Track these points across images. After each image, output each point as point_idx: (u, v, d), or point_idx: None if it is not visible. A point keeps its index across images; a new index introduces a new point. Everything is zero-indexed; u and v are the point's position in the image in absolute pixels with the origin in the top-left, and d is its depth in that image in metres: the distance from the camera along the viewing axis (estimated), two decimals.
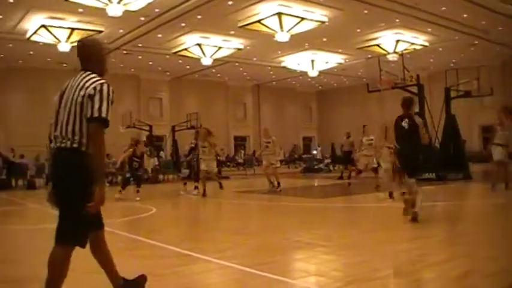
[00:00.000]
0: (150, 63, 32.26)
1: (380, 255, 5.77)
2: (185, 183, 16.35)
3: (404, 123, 8.83)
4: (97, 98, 3.62)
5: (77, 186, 3.58)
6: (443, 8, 23.57)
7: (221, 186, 16.59)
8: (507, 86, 36.66)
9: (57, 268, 3.59)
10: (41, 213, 12.48)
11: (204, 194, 14.29)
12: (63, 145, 3.66)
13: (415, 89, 18.78)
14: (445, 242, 6.71)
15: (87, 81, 3.70)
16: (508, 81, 36.57)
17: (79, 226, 3.62)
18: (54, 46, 24.34)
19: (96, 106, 3.60)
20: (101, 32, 24.13)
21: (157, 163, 24.72)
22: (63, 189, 3.65)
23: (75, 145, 3.62)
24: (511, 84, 36.62)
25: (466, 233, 7.41)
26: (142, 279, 4.28)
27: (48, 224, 9.72)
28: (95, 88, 3.64)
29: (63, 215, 3.64)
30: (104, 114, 3.63)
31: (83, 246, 3.72)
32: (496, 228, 7.64)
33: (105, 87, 3.72)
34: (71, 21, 22.60)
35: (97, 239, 4.00)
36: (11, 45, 25.69)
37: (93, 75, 3.80)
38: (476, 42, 30.28)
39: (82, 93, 3.64)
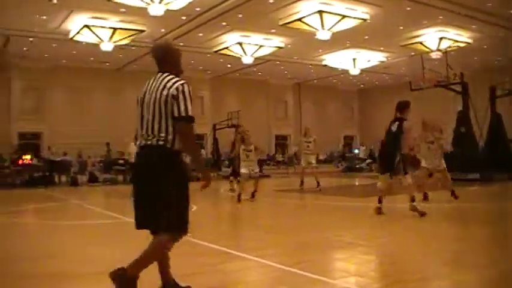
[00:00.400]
0: (192, 62, 32.48)
1: (420, 255, 5.70)
2: (231, 181, 16.24)
3: (393, 127, 9.47)
4: (181, 97, 3.93)
5: (172, 179, 3.90)
6: (489, 4, 23.05)
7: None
8: None
9: (155, 253, 4.01)
10: (82, 209, 12.79)
11: (239, 199, 12.75)
12: (149, 142, 3.97)
13: (459, 88, 18.47)
14: (484, 244, 6.57)
15: (167, 82, 4.02)
16: None
17: (183, 215, 3.99)
18: (96, 46, 24.77)
19: (182, 105, 3.91)
20: (142, 31, 24.45)
21: None
22: (159, 183, 3.89)
23: (161, 142, 3.92)
24: None
25: (507, 235, 7.26)
26: None
27: (88, 220, 9.95)
28: (177, 88, 3.96)
29: (155, 207, 3.90)
30: (190, 113, 3.94)
31: (186, 233, 4.10)
32: None
33: (186, 87, 4.03)
34: (113, 20, 22.94)
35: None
36: (55, 45, 26.21)
37: (172, 76, 4.12)
38: None
39: (165, 93, 3.95)
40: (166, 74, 4.15)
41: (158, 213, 3.90)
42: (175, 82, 4.01)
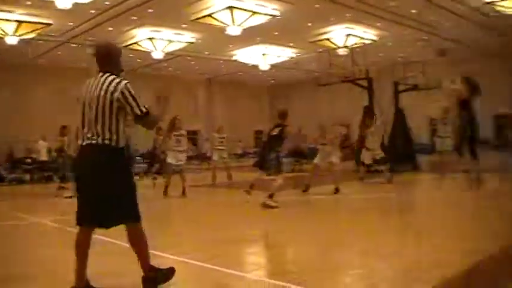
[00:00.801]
0: None
1: (334, 246, 5.85)
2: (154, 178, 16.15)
3: (274, 132, 10.34)
4: (130, 98, 4.13)
5: (119, 173, 4.10)
6: (393, 4, 23.99)
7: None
8: (451, 79, 37.63)
9: (142, 242, 4.32)
10: None
11: (165, 192, 12.87)
12: (94, 142, 4.04)
13: (365, 83, 19.08)
14: (396, 233, 6.84)
15: (111, 82, 4.12)
16: (455, 75, 37.51)
17: (135, 203, 4.28)
18: (1, 39, 23.65)
19: (135, 105, 4.12)
20: (49, 25, 23.55)
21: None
22: (109, 179, 4.03)
23: (106, 141, 4.03)
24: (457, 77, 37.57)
25: (416, 223, 7.58)
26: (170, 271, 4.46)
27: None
28: (122, 92, 4.10)
29: (118, 201, 4.11)
30: (144, 109, 4.17)
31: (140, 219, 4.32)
32: (445, 218, 7.85)
33: (129, 86, 4.20)
34: (19, 13, 21.96)
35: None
36: None
37: (113, 76, 4.20)
38: (425, 37, 30.94)
39: (109, 94, 4.05)
40: (108, 74, 4.20)
41: (115, 209, 4.11)
42: (119, 83, 4.12)
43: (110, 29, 25.54)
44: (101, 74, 4.24)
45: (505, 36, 31.14)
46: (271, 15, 24.29)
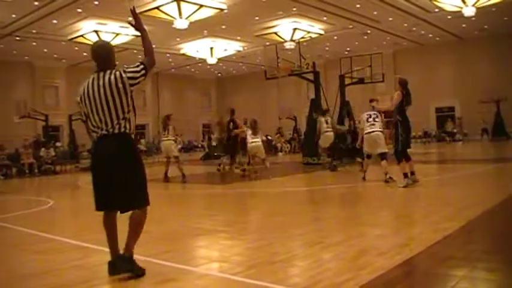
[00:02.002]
0: (45, 50, 30.91)
1: (280, 238, 5.92)
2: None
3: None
4: (133, 72, 4.56)
5: (132, 162, 4.46)
6: None
7: None
8: (398, 72, 38.54)
9: (141, 227, 4.58)
10: None
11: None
12: (110, 132, 4.34)
13: (311, 76, 19.29)
14: (341, 224, 6.98)
15: (113, 76, 4.41)
16: (399, 68, 38.47)
17: (146, 190, 4.55)
18: None
19: (139, 70, 4.62)
20: None
21: (53, 154, 23.75)
22: (120, 168, 4.35)
23: (122, 130, 4.36)
24: (401, 71, 38.51)
25: (360, 213, 7.76)
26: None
27: None
28: (122, 76, 4.44)
29: (126, 190, 4.38)
30: (143, 65, 4.72)
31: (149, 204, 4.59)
32: (388, 208, 8.06)
33: (124, 68, 4.57)
34: None
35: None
36: None
37: (114, 71, 4.48)
38: (369, 31, 31.51)
39: (119, 85, 4.38)
40: (109, 71, 4.45)
41: (130, 195, 4.42)
42: (120, 73, 4.45)
43: (55, 21, 24.98)
44: (102, 72, 4.46)
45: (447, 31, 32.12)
46: (218, 8, 24.27)
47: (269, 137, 31.90)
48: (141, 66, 4.59)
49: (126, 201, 4.42)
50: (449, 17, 28.27)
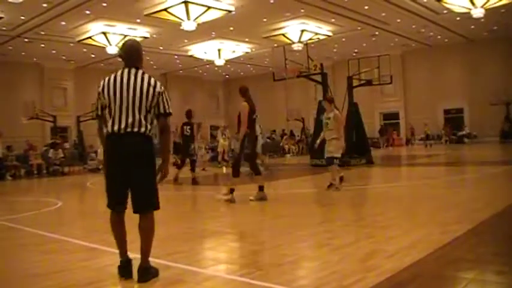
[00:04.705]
0: (54, 51, 31.06)
1: (288, 240, 5.91)
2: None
3: (187, 131, 12.89)
4: (165, 96, 4.48)
5: (152, 163, 4.42)
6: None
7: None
8: (406, 74, 38.50)
9: (154, 232, 4.57)
10: None
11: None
12: (136, 130, 4.30)
13: (319, 78, 19.26)
14: (349, 225, 6.96)
15: (150, 79, 4.46)
16: (407, 70, 38.39)
17: (158, 194, 4.52)
18: None
19: (167, 103, 4.47)
20: (0, 18, 22.99)
21: (62, 155, 23.83)
22: (141, 167, 4.34)
23: (142, 130, 4.31)
24: (409, 73, 38.46)
25: (369, 215, 7.73)
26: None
27: None
28: (161, 87, 4.48)
29: (144, 189, 4.41)
30: (170, 110, 4.51)
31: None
32: (397, 210, 8.02)
33: (162, 86, 4.56)
34: None
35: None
36: None
37: (146, 73, 4.51)
38: (377, 33, 31.45)
39: (152, 89, 4.39)
40: (142, 71, 4.49)
41: (149, 195, 4.45)
42: (156, 81, 4.49)
43: (63, 23, 25.09)
44: (134, 70, 4.47)
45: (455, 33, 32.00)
46: (226, 10, 24.29)
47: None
48: (170, 110, 4.55)
49: (144, 201, 4.43)
50: (457, 18, 28.17)
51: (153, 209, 4.50)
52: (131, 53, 4.57)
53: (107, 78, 4.47)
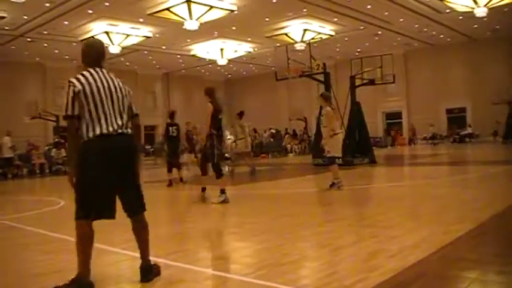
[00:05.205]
0: (56, 51, 31.10)
1: (290, 239, 5.90)
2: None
3: (173, 131, 12.57)
4: (132, 97, 4.51)
5: (137, 163, 4.36)
6: None
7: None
8: (409, 74, 38.45)
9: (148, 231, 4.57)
10: None
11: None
12: (125, 131, 4.23)
13: (321, 77, 19.24)
14: (352, 225, 6.95)
15: (119, 80, 4.37)
16: (410, 70, 38.35)
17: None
18: None
19: (133, 105, 4.51)
20: (3, 18, 23.01)
21: (64, 154, 23.80)
22: (134, 168, 4.30)
23: (129, 131, 4.29)
24: (411, 72, 38.42)
25: (371, 215, 7.71)
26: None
27: None
28: (128, 89, 4.47)
29: (138, 190, 4.40)
30: (137, 111, 4.55)
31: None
32: (399, 209, 8.01)
33: None
34: None
35: None
36: None
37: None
38: (380, 32, 31.42)
39: (124, 90, 4.38)
40: (107, 71, 4.34)
41: (142, 196, 4.45)
42: (122, 82, 4.42)
43: (66, 22, 25.12)
44: (103, 70, 4.31)
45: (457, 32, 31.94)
46: (228, 9, 24.30)
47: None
48: (137, 110, 4.57)
49: (140, 202, 4.42)
50: (460, 17, 28.15)
51: (144, 210, 4.51)
52: (103, 52, 4.42)
53: (82, 77, 4.14)
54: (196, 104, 44.54)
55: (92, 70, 4.22)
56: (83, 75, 4.16)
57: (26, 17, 23.82)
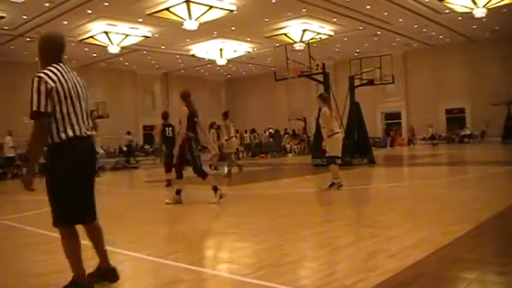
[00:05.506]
0: None
1: (290, 240, 5.91)
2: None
3: (169, 132, 12.44)
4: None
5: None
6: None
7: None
8: (408, 74, 38.47)
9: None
10: None
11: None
12: (88, 133, 4.03)
13: (321, 77, 19.25)
14: (351, 225, 6.96)
15: (79, 78, 4.11)
16: (409, 70, 38.36)
17: None
18: None
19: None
20: (2, 17, 23.01)
21: None
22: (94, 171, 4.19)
23: (91, 132, 4.09)
24: (410, 72, 38.44)
25: (370, 215, 7.72)
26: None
27: None
28: None
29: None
30: None
31: None
32: (398, 209, 8.02)
33: None
34: None
35: None
36: None
37: None
38: (379, 32, 31.44)
39: (85, 86, 4.12)
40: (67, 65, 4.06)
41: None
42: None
43: (65, 22, 25.11)
44: (66, 65, 4.05)
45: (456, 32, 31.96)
46: (228, 9, 24.30)
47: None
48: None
49: (95, 209, 4.24)
50: (459, 18, 28.17)
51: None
52: (64, 46, 4.13)
53: (53, 74, 3.88)
54: (197, 104, 44.56)
55: (58, 66, 3.96)
56: (52, 71, 3.90)
57: (25, 17, 23.82)
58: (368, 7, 25.66)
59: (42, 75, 3.83)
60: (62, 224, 4.04)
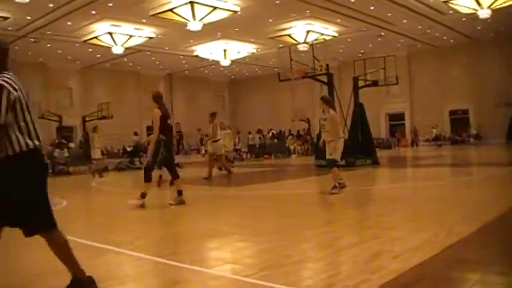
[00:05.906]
0: (59, 51, 31.14)
1: (293, 240, 5.89)
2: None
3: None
4: None
5: None
6: (352, 0, 24.26)
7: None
8: (412, 75, 38.42)
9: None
10: None
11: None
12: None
13: (324, 78, 19.23)
14: (354, 226, 6.94)
15: None
16: (413, 71, 38.31)
17: None
18: None
19: None
20: (6, 18, 23.06)
21: (67, 155, 23.87)
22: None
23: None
24: (415, 73, 38.39)
25: (374, 216, 7.71)
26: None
27: None
28: None
29: None
30: None
31: None
32: (402, 211, 8.00)
33: None
34: None
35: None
36: None
37: None
38: (383, 33, 31.40)
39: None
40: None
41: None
42: None
43: (69, 23, 25.16)
44: (11, 73, 3.85)
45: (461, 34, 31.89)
46: (232, 10, 24.31)
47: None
48: None
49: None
50: (464, 19, 28.12)
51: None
52: (7, 54, 3.94)
53: (12, 82, 3.75)
54: (200, 105, 44.66)
55: (9, 75, 3.79)
56: (11, 79, 3.75)
57: (29, 18, 23.88)
58: (372, 8, 25.64)
59: (4, 84, 3.67)
60: (54, 225, 4.06)
